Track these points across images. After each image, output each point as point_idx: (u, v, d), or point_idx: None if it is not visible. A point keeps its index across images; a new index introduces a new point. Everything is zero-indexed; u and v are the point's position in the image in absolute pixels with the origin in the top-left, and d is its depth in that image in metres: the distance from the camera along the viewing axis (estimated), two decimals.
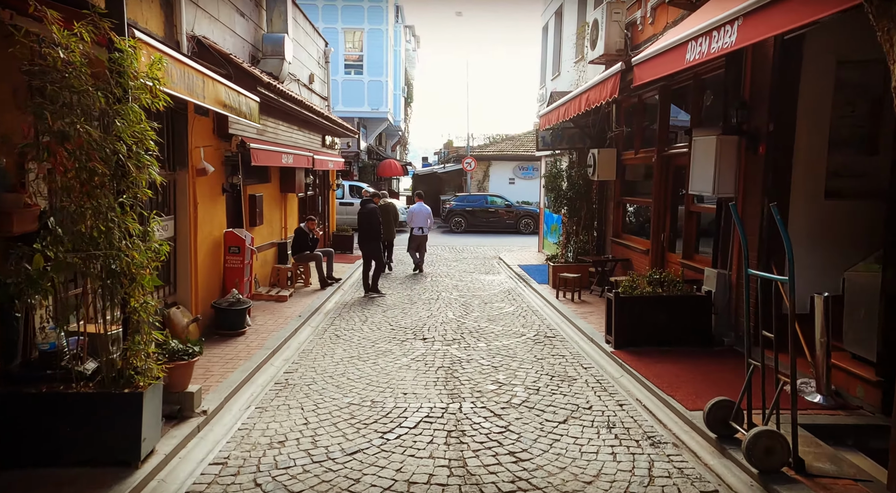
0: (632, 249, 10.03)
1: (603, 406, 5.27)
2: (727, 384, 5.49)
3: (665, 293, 6.92)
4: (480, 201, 22.71)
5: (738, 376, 5.70)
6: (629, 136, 10.50)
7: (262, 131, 9.56)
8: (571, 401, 5.37)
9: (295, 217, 12.65)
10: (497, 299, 10.31)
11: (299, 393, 5.59)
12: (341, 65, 22.66)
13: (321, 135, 14.28)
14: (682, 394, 5.27)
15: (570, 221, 11.50)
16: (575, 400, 5.40)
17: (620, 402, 5.39)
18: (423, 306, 9.69)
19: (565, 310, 9.02)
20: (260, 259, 10.42)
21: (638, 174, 10.69)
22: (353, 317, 8.91)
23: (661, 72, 5.75)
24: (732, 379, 5.63)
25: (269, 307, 9.26)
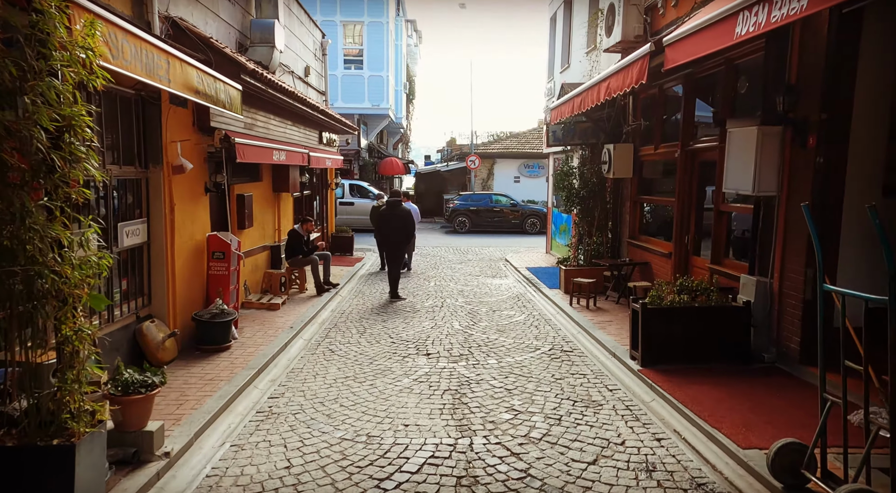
0: (651, 251, 9.23)
1: (637, 441, 4.48)
2: (780, 413, 4.69)
3: (697, 304, 6.13)
4: (485, 200, 21.91)
5: (789, 402, 4.91)
6: (648, 130, 9.69)
7: (250, 126, 8.79)
8: (600, 434, 4.58)
9: (289, 218, 11.87)
10: (506, 306, 9.52)
11: (283, 425, 4.81)
12: (341, 59, 21.88)
13: (318, 131, 13.50)
14: (729, 426, 4.48)
15: (583, 222, 10.70)
16: (604, 433, 4.61)
17: (657, 435, 4.59)
18: (426, 314, 8.90)
19: (581, 319, 8.22)
20: (250, 264, 9.66)
21: (657, 171, 9.88)
22: (350, 328, 8.13)
23: (700, 51, 4.95)
24: (784, 406, 4.83)
25: (259, 317, 8.49)
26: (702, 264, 7.87)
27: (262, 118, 9.33)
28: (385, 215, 10.88)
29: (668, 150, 8.71)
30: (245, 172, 9.44)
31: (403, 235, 10.56)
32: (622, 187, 10.46)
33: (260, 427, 4.78)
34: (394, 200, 11.09)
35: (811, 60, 5.45)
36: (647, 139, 9.66)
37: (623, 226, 10.43)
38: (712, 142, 7.45)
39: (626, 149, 9.82)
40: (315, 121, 12.50)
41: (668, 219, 9.55)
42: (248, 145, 8.08)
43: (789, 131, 5.63)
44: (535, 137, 26.40)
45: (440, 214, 25.69)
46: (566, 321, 8.44)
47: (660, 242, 9.19)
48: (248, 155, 8.01)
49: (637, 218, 10.07)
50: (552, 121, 10.30)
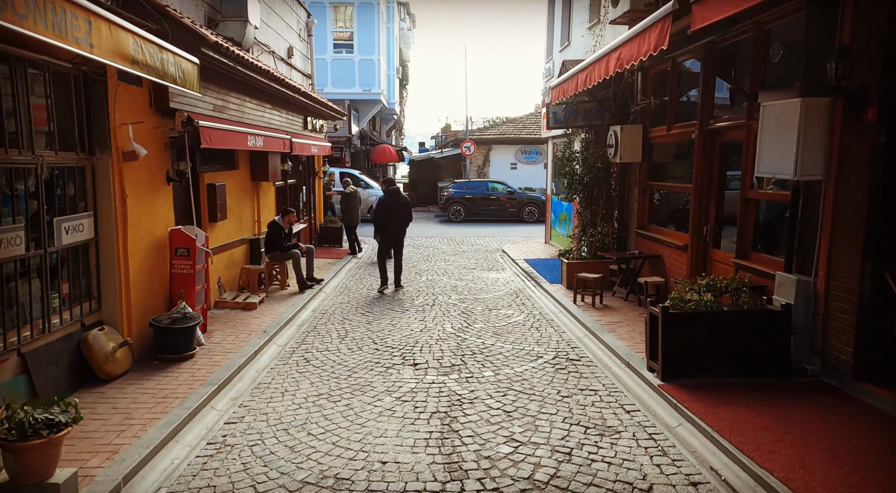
0: (663, 243, 8.33)
1: (667, 484, 3.61)
2: (843, 445, 3.82)
3: (726, 307, 5.24)
4: (481, 188, 20.94)
5: (851, 429, 4.03)
6: (659, 109, 8.74)
7: (220, 108, 7.82)
8: (621, 476, 3.70)
9: (271, 209, 10.93)
10: (503, 304, 8.63)
11: (236, 463, 3.92)
12: (330, 43, 20.79)
13: (302, 116, 12.51)
14: (781, 465, 3.60)
15: (586, 211, 9.79)
16: (625, 473, 3.73)
17: (691, 477, 3.71)
18: (415, 314, 8.00)
19: (586, 319, 7.34)
20: (225, 259, 8.74)
21: (669, 154, 8.95)
22: (331, 331, 7.23)
23: (740, 4, 4.01)
24: (846, 435, 3.95)
25: (233, 318, 7.60)
26: (723, 257, 6.97)
27: (235, 100, 8.36)
28: (387, 204, 9.96)
29: (684, 130, 7.78)
30: (217, 160, 8.49)
31: (405, 225, 10.05)
32: (630, 173, 9.54)
33: (207, 466, 3.90)
34: (395, 188, 10.16)
35: (871, 16, 4.51)
36: (658, 120, 8.72)
37: (631, 215, 9.52)
38: (737, 120, 6.52)
39: (634, 131, 8.88)
40: (298, 105, 11.52)
41: (682, 207, 8.64)
42: (217, 129, 7.13)
43: (840, 103, 4.71)
44: (532, 122, 25.39)
45: (434, 203, 24.74)
46: (570, 322, 7.55)
47: (673, 234, 8.28)
48: (215, 140, 7.07)
49: (646, 206, 9.15)
50: (553, 100, 9.34)
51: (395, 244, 9.96)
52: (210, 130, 6.88)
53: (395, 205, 9.85)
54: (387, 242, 9.95)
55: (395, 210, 9.84)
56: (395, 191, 10.04)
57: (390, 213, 9.85)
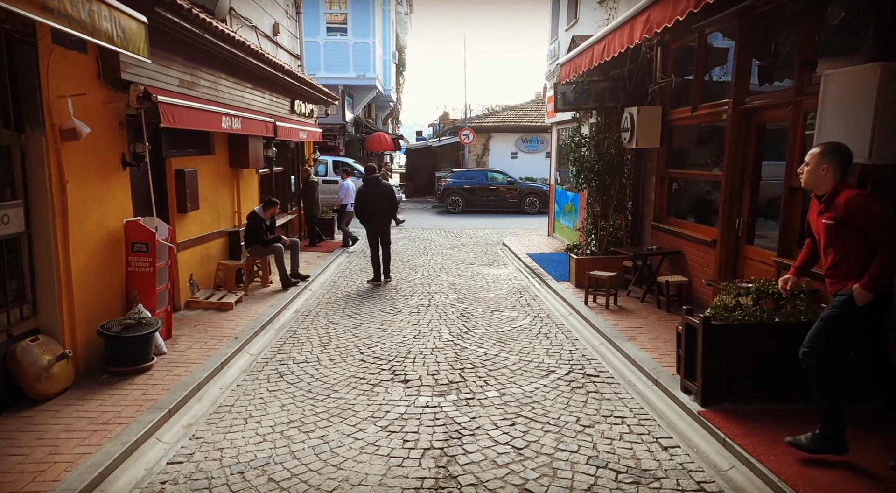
0: (685, 238, 7.41)
1: None
2: None
3: (779, 316, 4.34)
4: (480, 178, 19.97)
5: None
6: (681, 88, 7.79)
7: (189, 84, 6.85)
8: None
9: (254, 199, 9.98)
10: (506, 305, 7.72)
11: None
12: (323, 25, 19.71)
13: (290, 99, 11.52)
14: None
15: (597, 202, 8.86)
16: None
17: None
18: (409, 317, 7.09)
19: (601, 324, 6.43)
20: (199, 254, 7.81)
21: (692, 139, 8.01)
22: (313, 336, 6.32)
23: None
24: None
25: (204, 321, 6.69)
26: (759, 255, 6.06)
27: (208, 76, 7.38)
28: (366, 194, 9.21)
29: (713, 111, 6.84)
30: (189, 143, 7.53)
31: (391, 214, 9.50)
32: (646, 160, 8.60)
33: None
34: (374, 176, 9.39)
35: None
36: (680, 100, 7.77)
37: (646, 207, 8.59)
38: (781, 97, 5.58)
39: (652, 112, 7.93)
40: (285, 86, 10.54)
41: (705, 198, 7.73)
42: (183, 107, 6.17)
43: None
44: (533, 109, 24.37)
45: (431, 193, 23.78)
46: (583, 327, 6.65)
47: (697, 227, 7.36)
48: (181, 119, 6.11)
49: (665, 197, 8.22)
50: (563, 79, 8.37)
51: (381, 234, 9.27)
52: (173, 107, 5.91)
53: (376, 194, 9.20)
54: (373, 233, 9.24)
55: (376, 200, 9.18)
56: (373, 180, 9.33)
57: (372, 202, 9.17)
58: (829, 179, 3.49)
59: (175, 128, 6.14)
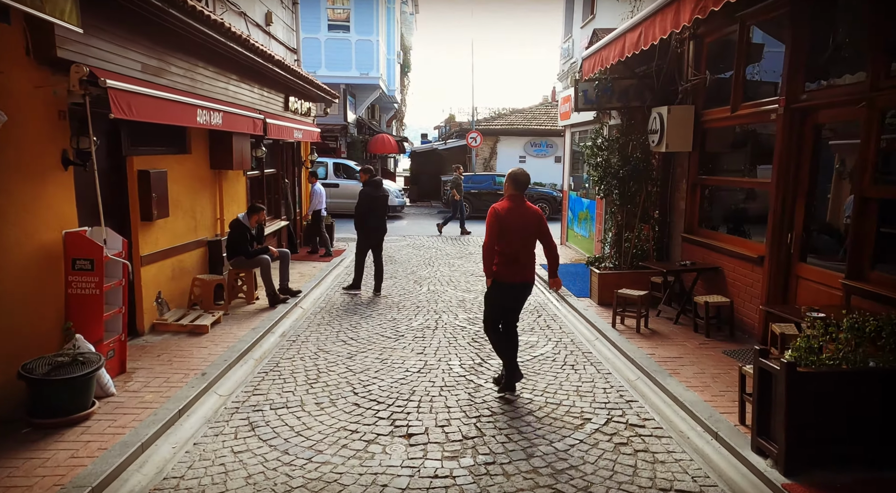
0: (723, 252, 6.45)
1: None
2: None
3: (874, 360, 3.38)
4: (487, 182, 18.99)
5: None
6: (717, 86, 6.85)
7: (156, 70, 5.93)
8: None
9: (241, 204, 9.04)
10: (524, 327, 6.74)
11: None
12: (324, 21, 18.81)
13: (283, 95, 10.61)
14: None
15: (621, 211, 7.90)
16: None
17: None
18: (413, 343, 6.13)
19: (635, 353, 5.47)
20: (170, 268, 6.87)
21: (728, 142, 7.07)
22: (298, 369, 5.37)
23: None
24: None
25: (171, 348, 5.74)
26: (818, 276, 5.11)
27: (181, 63, 6.46)
28: (372, 198, 8.41)
29: (758, 110, 5.89)
30: (158, 139, 6.60)
31: (385, 222, 8.76)
32: (675, 165, 7.64)
33: None
34: (376, 178, 8.66)
35: None
36: (716, 98, 6.82)
37: (675, 217, 7.63)
38: (850, 92, 4.63)
39: (684, 113, 6.99)
40: (277, 80, 9.63)
41: (746, 208, 6.77)
42: (143, 96, 5.22)
43: None
44: (541, 113, 23.44)
45: (437, 198, 22.83)
46: (614, 356, 5.68)
47: (739, 241, 6.39)
48: (140, 110, 5.16)
49: (696, 206, 7.26)
50: (585, 74, 7.43)
51: (375, 245, 8.47)
52: (130, 95, 4.96)
53: (378, 198, 8.40)
54: (368, 242, 8.43)
55: (378, 205, 8.42)
56: (377, 182, 8.54)
57: (375, 207, 8.34)
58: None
59: (137, 121, 5.21)
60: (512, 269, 4.59)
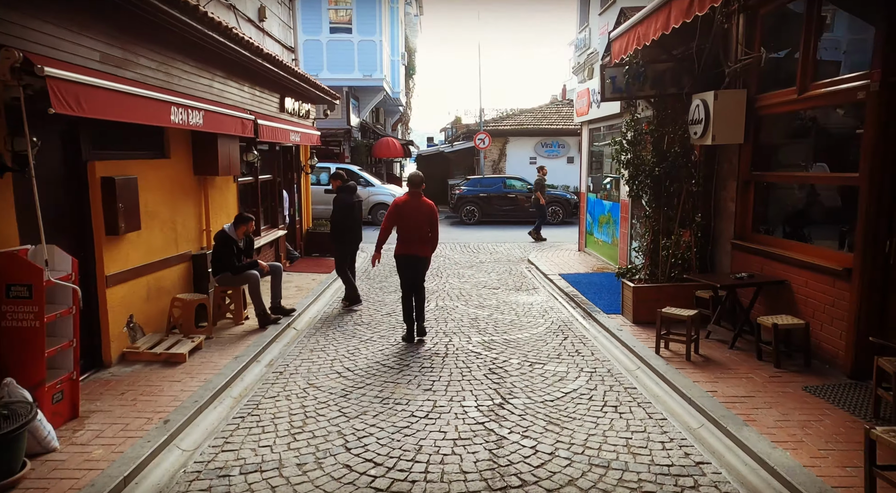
0: (788, 262, 5.39)
1: None
2: None
3: None
4: (497, 185, 17.97)
5: None
6: (775, 66, 5.81)
7: (120, 62, 5.00)
8: None
9: (230, 213, 8.07)
10: (548, 352, 5.73)
11: None
12: (325, 23, 17.93)
13: (279, 95, 9.69)
14: None
15: (657, 213, 6.86)
16: None
17: None
18: (419, 375, 5.12)
19: (691, 390, 4.43)
20: (144, 288, 5.91)
21: (786, 131, 6.02)
22: (282, 412, 4.37)
23: None
24: None
25: (139, 383, 4.79)
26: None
27: (153, 55, 5.53)
28: (350, 205, 7.70)
29: (838, 89, 4.83)
30: (127, 142, 5.66)
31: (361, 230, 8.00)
32: (721, 160, 6.59)
33: None
34: (351, 184, 7.95)
35: None
36: (776, 80, 5.78)
37: (723, 220, 6.57)
38: None
39: (733, 99, 5.95)
40: (270, 78, 8.70)
41: (812, 209, 5.71)
42: (98, 89, 4.28)
43: None
44: (552, 111, 22.40)
45: (444, 203, 21.84)
46: (665, 393, 4.63)
47: (813, 250, 5.31)
48: (93, 105, 4.21)
49: (749, 208, 6.20)
50: (615, 57, 6.42)
51: (352, 253, 7.87)
52: (78, 87, 4.01)
53: (355, 206, 7.76)
54: (345, 253, 7.73)
55: (355, 212, 7.76)
56: (352, 188, 7.82)
57: (352, 215, 7.64)
58: None
59: (103, 120, 4.30)
60: (405, 245, 6.02)
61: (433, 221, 6.00)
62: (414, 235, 5.96)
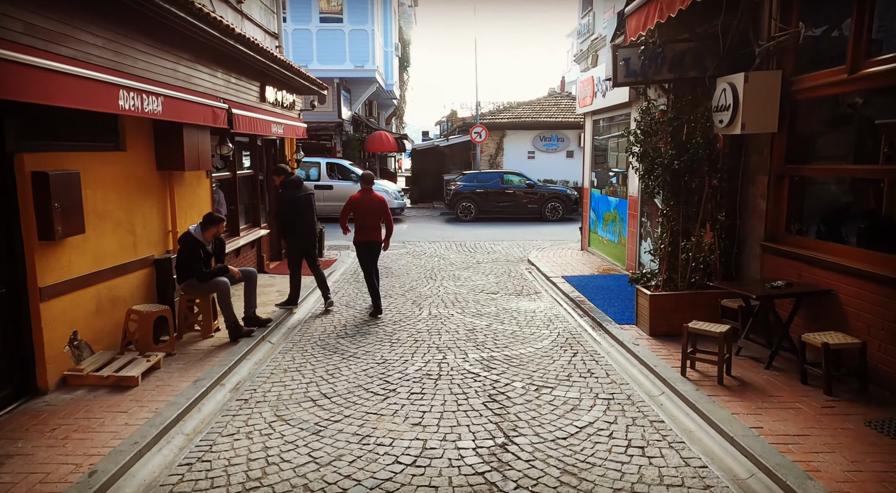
0: (834, 269, 4.62)
1: None
2: None
3: None
4: (494, 181, 17.16)
5: None
6: (814, 44, 5.03)
7: (57, 37, 4.21)
8: None
9: (203, 212, 7.26)
10: (556, 373, 4.95)
11: None
12: (315, 11, 17.05)
13: (259, 83, 8.85)
14: None
15: (675, 211, 6.07)
16: None
17: None
18: (407, 403, 4.33)
19: (733, 427, 3.66)
20: (95, 300, 5.10)
21: (829, 119, 5.23)
22: (239, 457, 3.58)
23: None
24: None
25: (79, 413, 4.03)
26: None
27: (100, 32, 4.72)
28: (294, 200, 7.08)
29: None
30: (70, 132, 4.83)
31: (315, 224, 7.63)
32: (749, 152, 5.80)
33: None
34: (295, 178, 7.35)
35: None
36: (817, 59, 4.99)
37: (751, 219, 5.79)
38: None
39: (767, 82, 5.15)
40: (248, 64, 7.88)
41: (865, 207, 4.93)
42: (10, 64, 3.48)
43: None
44: (551, 104, 21.58)
45: (439, 198, 21.02)
46: (699, 428, 3.85)
47: (866, 255, 4.49)
48: (7, 85, 3.42)
49: (783, 206, 5.42)
50: (630, 35, 5.63)
51: (308, 250, 7.24)
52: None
53: (301, 199, 7.14)
54: (300, 251, 7.18)
55: (303, 207, 7.14)
56: (296, 182, 7.23)
57: (300, 211, 7.08)
58: None
59: (28, 104, 3.52)
60: (361, 233, 6.89)
61: (384, 211, 6.88)
62: (368, 223, 6.83)
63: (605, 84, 9.17)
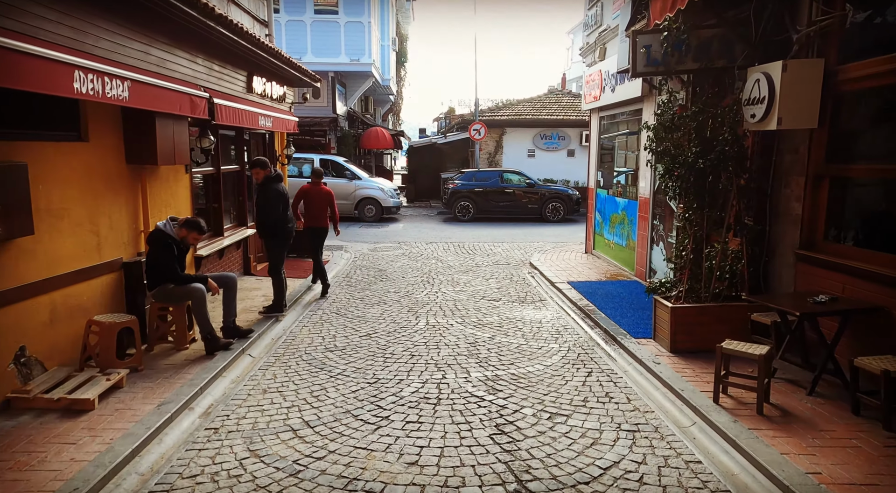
0: (884, 282, 4.05)
1: None
2: None
3: None
4: (493, 180, 16.54)
5: None
6: (857, 29, 4.44)
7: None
8: None
9: (182, 210, 6.64)
10: (569, 396, 4.36)
11: None
12: (309, 2, 16.38)
13: (245, 72, 8.23)
14: None
15: (698, 215, 5.49)
16: None
17: None
18: (401, 435, 3.73)
19: (785, 472, 3.08)
20: (48, 309, 4.48)
21: (880, 113, 4.65)
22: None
23: None
24: None
25: (19, 444, 3.44)
26: None
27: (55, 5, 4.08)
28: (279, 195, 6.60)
29: None
30: (13, 117, 4.20)
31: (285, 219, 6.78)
32: (782, 150, 5.22)
33: None
34: (277, 173, 6.77)
35: None
36: (865, 46, 4.41)
37: (784, 224, 5.21)
38: None
39: (808, 71, 4.57)
40: (233, 51, 7.26)
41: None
42: None
43: None
44: (552, 101, 20.97)
45: (437, 197, 20.40)
46: (745, 472, 3.26)
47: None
48: None
49: (822, 210, 4.85)
50: (654, 18, 5.03)
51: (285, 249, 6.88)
52: None
53: (285, 196, 6.70)
54: (282, 251, 6.72)
55: (286, 203, 6.71)
56: (278, 177, 6.69)
57: (284, 208, 6.63)
58: None
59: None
60: (310, 219, 7.72)
61: (330, 202, 7.75)
62: (315, 212, 7.63)
63: (615, 78, 8.58)
